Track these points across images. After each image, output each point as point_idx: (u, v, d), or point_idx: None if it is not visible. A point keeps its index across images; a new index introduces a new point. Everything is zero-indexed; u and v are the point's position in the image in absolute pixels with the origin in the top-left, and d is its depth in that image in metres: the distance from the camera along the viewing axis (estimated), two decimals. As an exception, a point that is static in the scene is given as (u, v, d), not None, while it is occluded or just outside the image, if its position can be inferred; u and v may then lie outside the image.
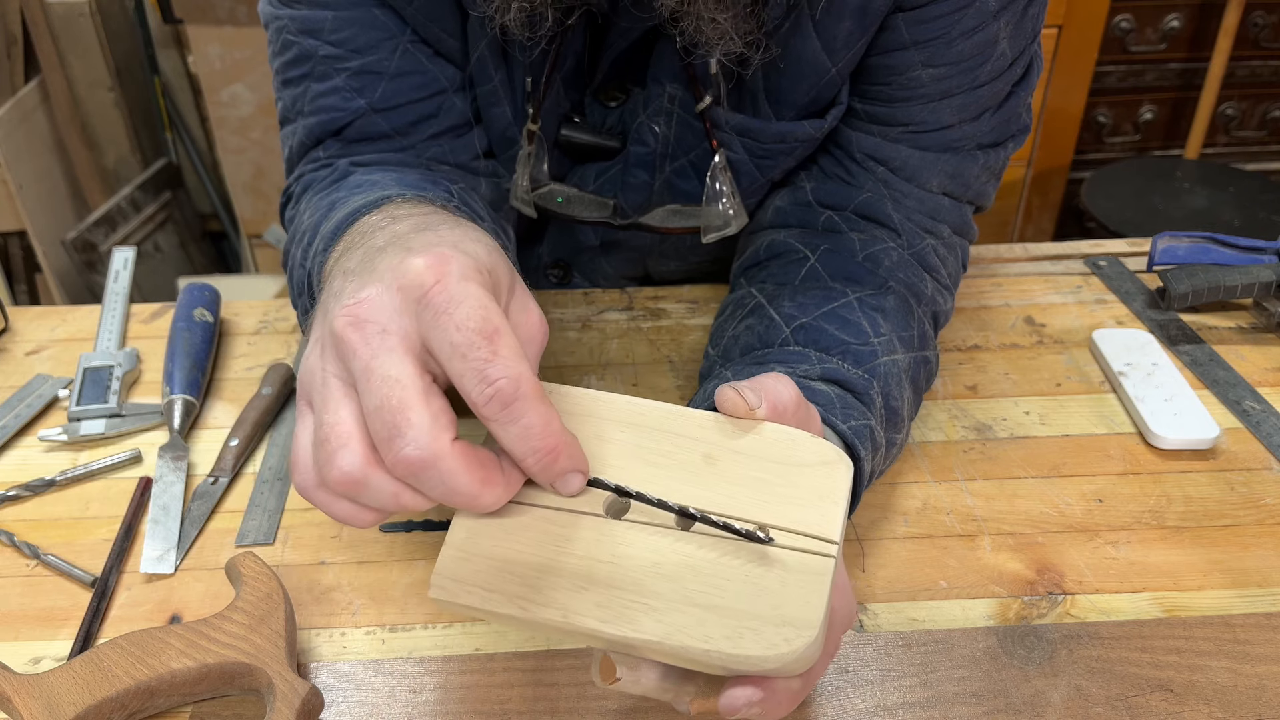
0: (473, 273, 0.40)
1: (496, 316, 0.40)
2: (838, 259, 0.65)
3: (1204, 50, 2.08)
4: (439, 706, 0.50)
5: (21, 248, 2.14)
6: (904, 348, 0.61)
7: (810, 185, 0.70)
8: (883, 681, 0.51)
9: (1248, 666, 0.52)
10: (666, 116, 0.69)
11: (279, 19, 0.66)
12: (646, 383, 0.72)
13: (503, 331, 0.39)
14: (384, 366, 0.39)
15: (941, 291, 0.68)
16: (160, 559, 0.58)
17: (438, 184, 0.62)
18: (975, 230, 0.73)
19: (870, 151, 0.67)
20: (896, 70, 0.64)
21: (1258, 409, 0.69)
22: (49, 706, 0.46)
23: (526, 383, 0.39)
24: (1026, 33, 0.64)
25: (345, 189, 0.60)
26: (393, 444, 0.38)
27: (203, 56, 1.96)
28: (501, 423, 0.40)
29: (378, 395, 0.39)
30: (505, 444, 0.40)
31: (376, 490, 0.40)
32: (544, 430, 0.40)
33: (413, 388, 0.39)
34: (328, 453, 0.39)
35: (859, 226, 0.68)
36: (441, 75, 0.67)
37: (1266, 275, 0.77)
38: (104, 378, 0.70)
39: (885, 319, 0.61)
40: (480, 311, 0.39)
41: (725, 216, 0.69)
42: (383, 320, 0.40)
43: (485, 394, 0.39)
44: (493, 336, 0.39)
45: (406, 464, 0.38)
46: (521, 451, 0.40)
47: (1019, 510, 0.61)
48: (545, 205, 0.71)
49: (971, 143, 0.67)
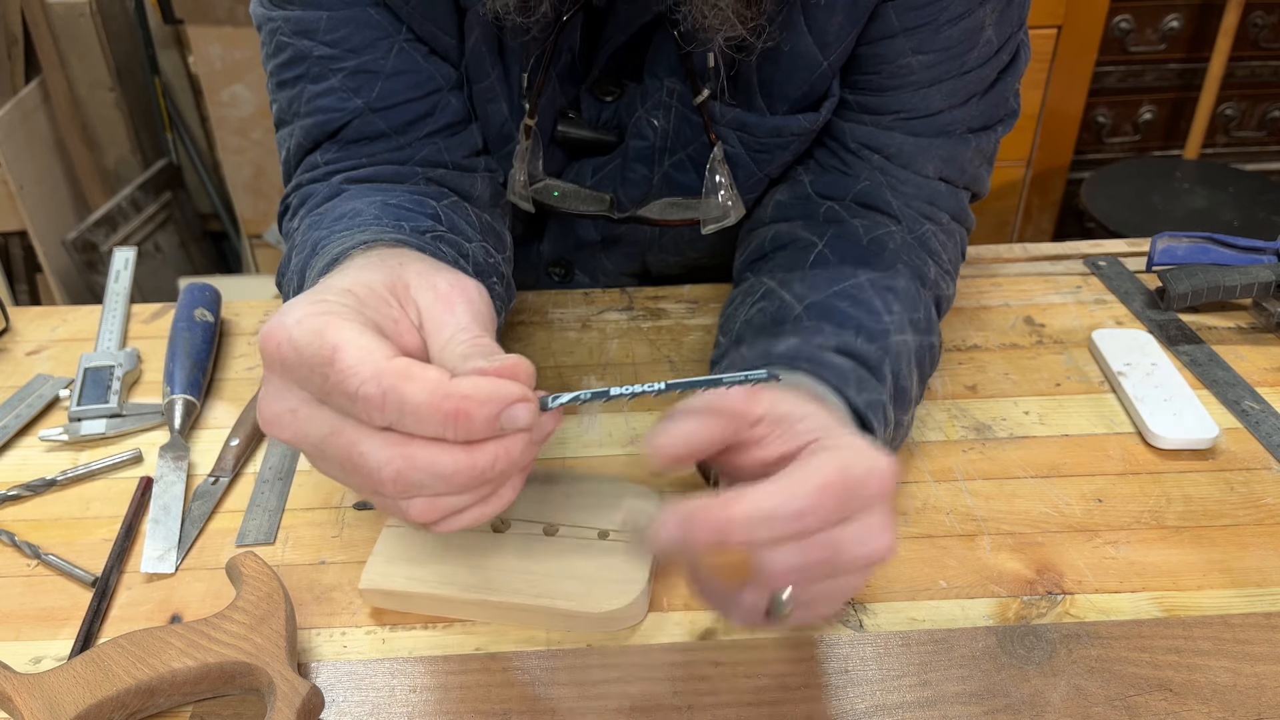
0: (310, 315, 0.43)
1: (331, 334, 0.42)
2: (844, 244, 0.66)
3: (1204, 50, 2.08)
4: (439, 706, 0.50)
5: (22, 248, 2.14)
6: (913, 330, 0.61)
7: (808, 179, 0.70)
8: (882, 681, 0.51)
9: (1247, 666, 0.52)
10: (665, 110, 0.69)
11: (272, 20, 0.66)
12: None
13: (340, 346, 0.41)
14: (314, 432, 0.43)
15: (944, 276, 0.68)
16: (161, 559, 0.58)
17: (424, 206, 0.63)
18: (973, 219, 0.73)
19: (864, 140, 0.68)
20: (886, 58, 0.65)
21: (1257, 409, 0.69)
22: (49, 706, 0.46)
23: (387, 374, 0.40)
24: (1012, 20, 0.65)
25: (327, 223, 0.60)
26: (356, 408, 0.41)
27: (203, 56, 1.96)
28: (399, 421, 0.41)
29: (331, 446, 0.43)
30: (421, 434, 0.41)
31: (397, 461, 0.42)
32: (432, 402, 0.40)
33: (343, 424, 0.42)
34: (355, 469, 0.43)
35: (860, 214, 0.68)
36: (437, 73, 0.67)
37: (1266, 275, 0.77)
38: (104, 378, 0.70)
39: (896, 300, 0.61)
40: (313, 343, 0.42)
41: (724, 208, 0.69)
42: (279, 407, 0.44)
43: (361, 409, 0.41)
44: (331, 357, 0.41)
45: (366, 402, 0.40)
46: (437, 432, 0.41)
47: (1018, 510, 0.61)
48: (542, 200, 0.71)
49: (962, 126, 0.68)
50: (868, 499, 0.44)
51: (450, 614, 0.55)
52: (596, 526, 0.56)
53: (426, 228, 0.59)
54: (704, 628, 0.54)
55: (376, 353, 0.41)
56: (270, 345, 0.43)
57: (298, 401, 0.43)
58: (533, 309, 0.80)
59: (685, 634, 0.54)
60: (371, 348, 0.41)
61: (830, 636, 0.53)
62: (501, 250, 0.68)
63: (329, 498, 0.63)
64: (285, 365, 0.43)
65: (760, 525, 0.42)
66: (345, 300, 0.45)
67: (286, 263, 0.63)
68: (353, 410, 0.41)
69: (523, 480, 0.46)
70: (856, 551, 0.44)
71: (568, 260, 0.83)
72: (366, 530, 0.60)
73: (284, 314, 0.43)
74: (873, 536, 0.44)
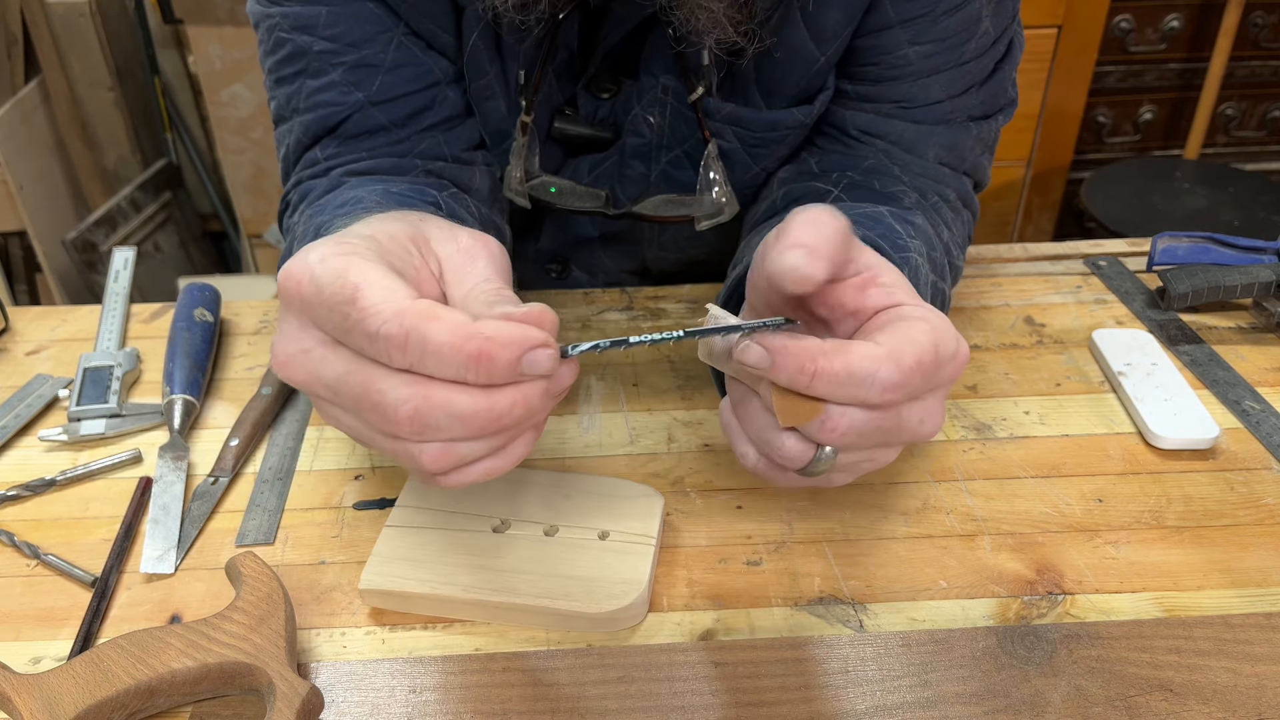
0: (333, 254, 0.42)
1: (355, 274, 0.41)
2: (859, 191, 0.66)
3: (1204, 50, 2.08)
4: (439, 706, 0.50)
5: (22, 248, 2.14)
6: (930, 266, 0.61)
7: (814, 159, 0.71)
8: (882, 681, 0.51)
9: (1247, 666, 0.52)
10: (661, 107, 0.69)
11: (270, 17, 0.66)
12: (646, 383, 0.72)
13: (362, 285, 0.41)
14: (328, 373, 0.42)
15: (955, 244, 0.69)
16: (160, 559, 0.58)
17: (424, 194, 0.63)
18: (978, 205, 0.74)
19: (866, 128, 0.68)
20: (884, 50, 0.65)
21: (1257, 409, 0.69)
22: (49, 706, 0.46)
23: (409, 314, 0.40)
24: (1007, 12, 0.66)
25: (330, 210, 0.60)
26: (375, 347, 0.40)
27: (203, 56, 1.96)
28: (419, 362, 0.40)
29: (346, 385, 0.42)
30: (442, 375, 0.41)
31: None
32: (455, 343, 0.40)
33: (359, 364, 0.42)
34: (373, 406, 0.42)
35: (872, 178, 0.68)
36: (436, 67, 0.67)
37: (1266, 275, 0.77)
38: (104, 378, 0.70)
39: (915, 231, 0.61)
40: (335, 281, 0.41)
41: (718, 204, 0.69)
42: (293, 348, 0.43)
43: (381, 349, 0.40)
44: (354, 296, 0.41)
45: (387, 341, 0.40)
46: (458, 374, 0.40)
47: (1019, 510, 0.61)
48: (538, 196, 0.71)
49: (963, 115, 0.68)
50: (943, 380, 0.44)
51: (450, 614, 0.55)
52: (596, 526, 0.56)
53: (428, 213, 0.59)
54: (704, 628, 0.54)
55: (399, 293, 0.41)
56: (291, 282, 0.42)
57: (313, 342, 0.43)
58: (533, 309, 0.80)
59: (685, 634, 0.54)
60: (394, 288, 0.41)
61: (830, 636, 0.53)
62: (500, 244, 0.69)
63: (329, 498, 0.63)
64: (305, 302, 0.42)
65: (849, 384, 0.42)
66: (368, 244, 0.44)
67: (288, 254, 0.62)
68: (372, 350, 0.41)
69: (536, 437, 0.45)
70: (915, 429, 0.45)
71: (564, 257, 0.83)
72: (366, 530, 0.60)
73: (306, 252, 0.43)
74: (932, 417, 0.45)
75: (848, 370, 0.42)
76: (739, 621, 0.54)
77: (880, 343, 0.43)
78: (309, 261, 0.42)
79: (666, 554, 0.58)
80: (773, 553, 0.58)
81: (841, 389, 0.42)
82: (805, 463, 0.45)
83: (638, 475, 0.64)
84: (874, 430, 0.44)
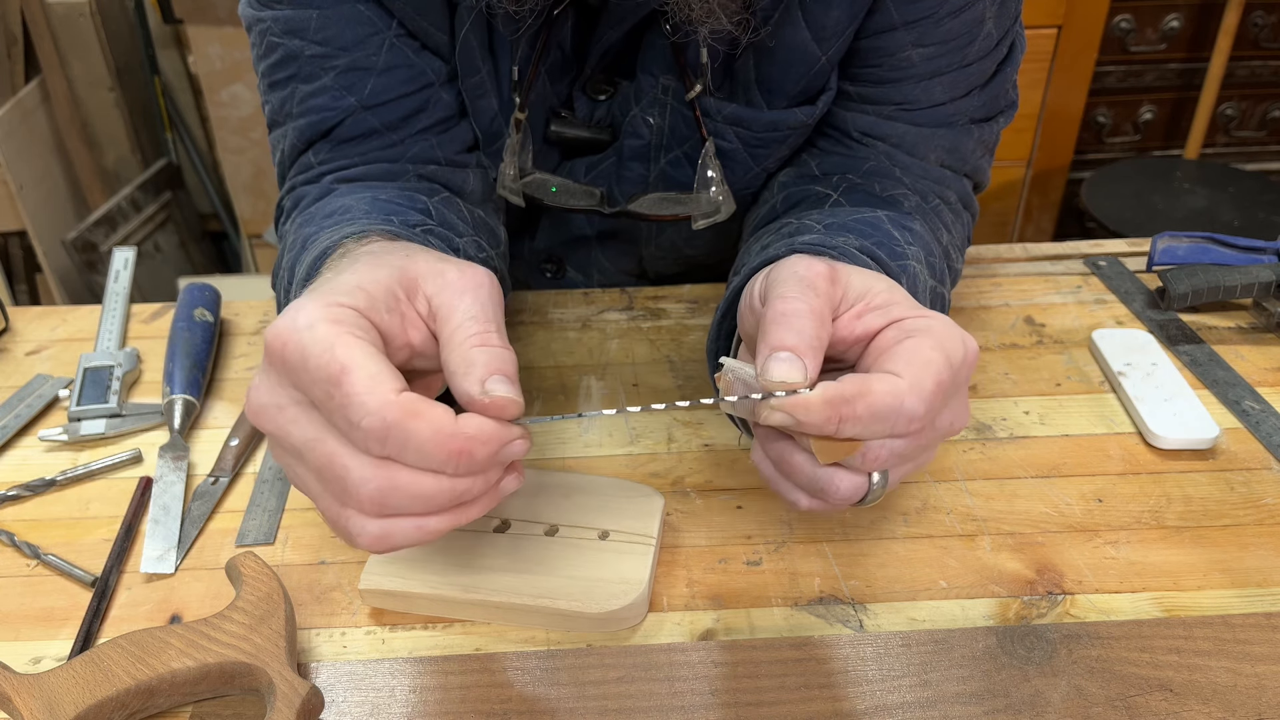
0: (321, 321, 0.42)
1: (342, 352, 0.41)
2: (859, 194, 0.66)
3: (1204, 50, 2.08)
4: (439, 706, 0.50)
5: (22, 248, 2.14)
6: (929, 273, 0.61)
7: (814, 161, 0.71)
8: (882, 681, 0.51)
9: (1247, 666, 0.52)
10: (660, 108, 0.69)
11: (262, 21, 0.66)
12: (647, 383, 0.72)
13: (349, 368, 0.41)
14: (298, 434, 0.43)
15: (954, 247, 0.69)
16: (160, 559, 0.58)
17: (414, 201, 0.63)
18: (978, 206, 0.74)
19: (867, 129, 0.68)
20: (887, 51, 0.65)
21: (1257, 409, 0.69)
22: (49, 706, 0.46)
23: (392, 408, 0.41)
24: (1010, 14, 0.66)
25: (318, 220, 0.60)
26: (353, 433, 0.41)
27: (203, 56, 1.96)
28: (399, 454, 0.41)
29: (313, 450, 0.43)
30: (422, 467, 0.42)
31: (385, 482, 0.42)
32: (438, 440, 0.41)
33: (330, 435, 0.42)
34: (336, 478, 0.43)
35: (872, 180, 0.68)
36: (429, 68, 0.67)
37: (1266, 275, 0.77)
38: (104, 378, 0.70)
39: (914, 237, 0.62)
40: (323, 355, 0.41)
41: (715, 203, 0.69)
42: (268, 399, 0.44)
43: (359, 438, 0.41)
44: (339, 378, 0.41)
45: (367, 434, 0.40)
46: (438, 467, 0.42)
47: (1019, 510, 0.61)
48: (533, 194, 0.71)
49: (964, 117, 0.68)
50: (961, 383, 0.47)
51: (450, 614, 0.55)
52: (596, 526, 0.56)
53: (416, 221, 0.60)
54: (704, 628, 0.54)
55: (384, 384, 0.41)
56: (277, 343, 0.43)
57: (289, 400, 0.43)
58: (533, 309, 0.80)
59: (685, 634, 0.54)
60: (380, 375, 0.41)
61: (830, 636, 0.53)
62: (495, 245, 0.69)
63: (329, 498, 0.63)
64: (288, 368, 0.43)
65: (877, 423, 0.44)
66: (356, 301, 0.44)
67: (279, 263, 0.63)
68: (349, 435, 0.42)
69: (490, 505, 0.46)
70: (947, 431, 0.48)
71: (560, 256, 0.83)
72: (366, 530, 0.60)
73: (295, 314, 0.43)
74: (960, 416, 0.48)
75: (873, 412, 0.44)
76: (739, 621, 0.54)
77: (898, 372, 0.45)
78: (298, 326, 0.42)
79: (666, 554, 0.58)
80: (773, 553, 0.58)
81: (872, 428, 0.44)
82: (863, 495, 0.48)
83: (638, 475, 0.64)
84: (913, 449, 0.47)
